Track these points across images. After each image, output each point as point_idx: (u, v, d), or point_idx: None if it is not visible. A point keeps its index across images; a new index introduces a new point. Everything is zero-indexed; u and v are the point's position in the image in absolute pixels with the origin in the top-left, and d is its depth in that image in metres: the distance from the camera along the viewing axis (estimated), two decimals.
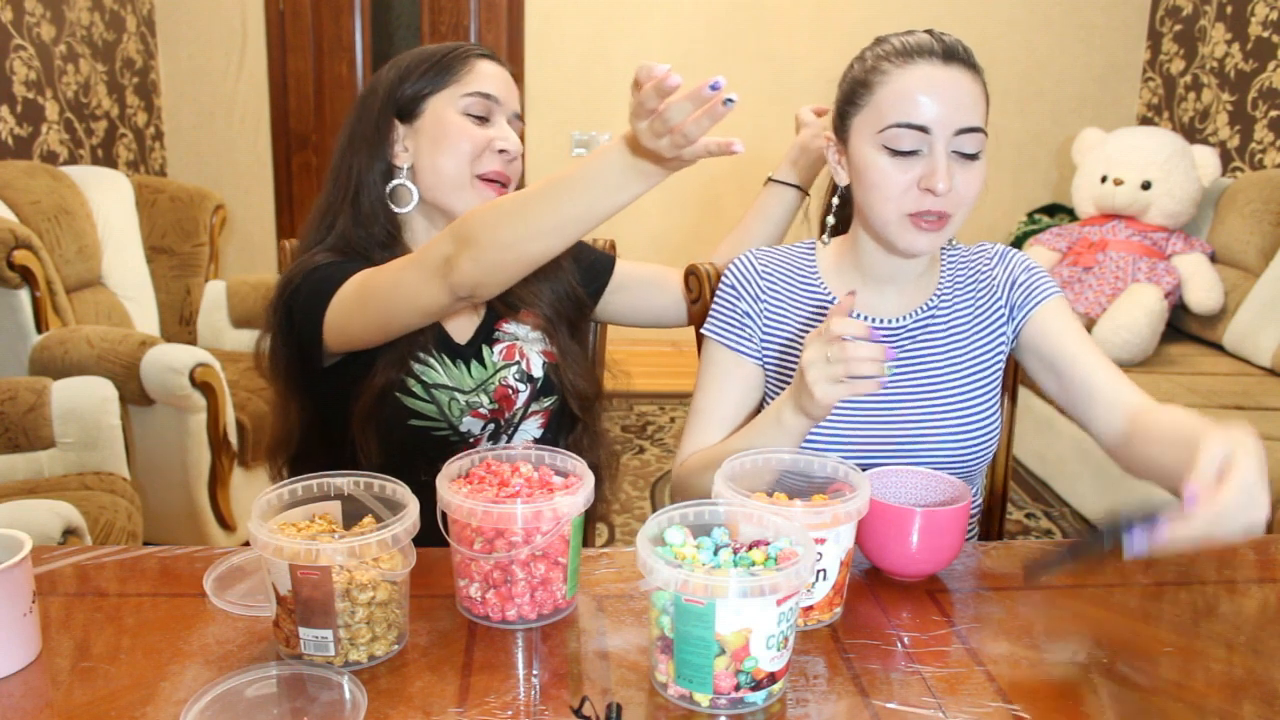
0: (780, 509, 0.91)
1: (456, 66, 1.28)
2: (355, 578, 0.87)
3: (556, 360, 1.36)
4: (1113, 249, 3.43)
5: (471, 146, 1.26)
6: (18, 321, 2.46)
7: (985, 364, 1.25)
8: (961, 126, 1.11)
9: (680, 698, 0.83)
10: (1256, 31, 3.70)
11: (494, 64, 1.31)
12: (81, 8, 3.54)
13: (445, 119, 1.26)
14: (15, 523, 1.48)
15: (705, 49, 4.31)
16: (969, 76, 1.13)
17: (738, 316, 1.27)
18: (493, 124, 1.28)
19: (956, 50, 1.14)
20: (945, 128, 1.11)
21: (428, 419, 1.25)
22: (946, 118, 1.11)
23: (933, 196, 1.11)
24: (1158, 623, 0.98)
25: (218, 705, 0.79)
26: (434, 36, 4.30)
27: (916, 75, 1.12)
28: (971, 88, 1.13)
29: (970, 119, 1.12)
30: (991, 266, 1.28)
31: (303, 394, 1.30)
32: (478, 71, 1.28)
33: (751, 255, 1.30)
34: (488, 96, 1.27)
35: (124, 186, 3.17)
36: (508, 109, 1.30)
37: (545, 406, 1.35)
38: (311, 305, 1.19)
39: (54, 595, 0.99)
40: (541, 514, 0.91)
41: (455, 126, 1.26)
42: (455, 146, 1.26)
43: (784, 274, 1.28)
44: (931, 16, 4.21)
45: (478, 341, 1.32)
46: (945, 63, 1.13)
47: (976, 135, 1.13)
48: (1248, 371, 3.11)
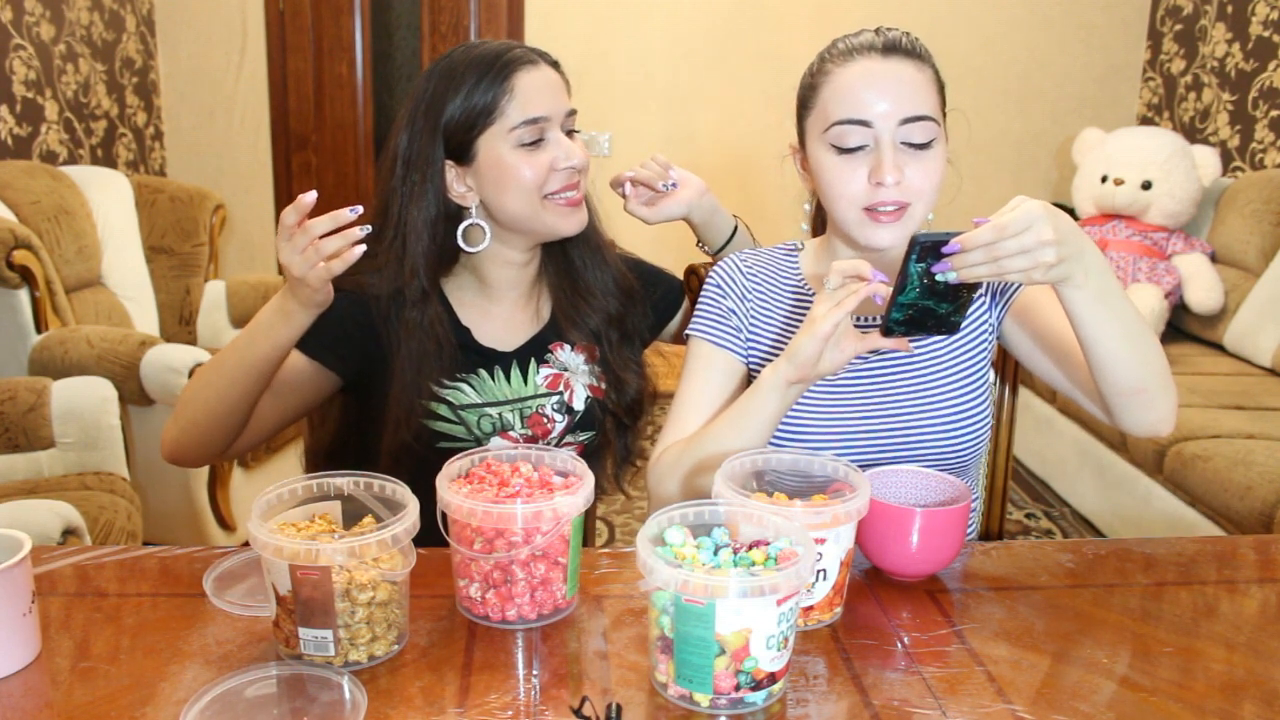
0: (780, 509, 0.91)
1: (498, 95, 1.21)
2: (355, 578, 0.87)
3: (603, 396, 1.35)
4: (1113, 249, 3.43)
5: (534, 176, 1.22)
6: (17, 321, 2.46)
7: (972, 354, 1.25)
8: (905, 116, 1.11)
9: (680, 698, 0.83)
10: (1257, 31, 3.70)
11: (534, 71, 1.23)
12: (81, 7, 3.54)
13: (501, 159, 1.22)
14: (15, 523, 1.48)
15: (705, 49, 4.30)
16: (912, 66, 1.14)
17: (722, 314, 1.27)
18: (548, 141, 1.23)
19: (898, 43, 1.14)
20: (888, 119, 1.11)
21: (456, 439, 1.27)
22: (888, 109, 1.11)
23: (884, 188, 1.11)
24: (1158, 623, 0.98)
25: (217, 705, 0.78)
26: (434, 36, 4.30)
27: (855, 71, 1.13)
28: (915, 77, 1.13)
29: (914, 108, 1.12)
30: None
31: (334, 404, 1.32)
32: (519, 93, 1.21)
33: (736, 257, 1.31)
34: (535, 121, 1.21)
35: (124, 186, 3.17)
36: (559, 117, 1.24)
37: (581, 440, 1.35)
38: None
39: (54, 595, 0.99)
40: (541, 514, 0.91)
41: (512, 164, 1.21)
42: (518, 184, 1.22)
43: (768, 274, 1.29)
44: (931, 16, 4.21)
45: (526, 354, 1.32)
46: (885, 55, 1.13)
47: (924, 124, 1.12)
48: (1248, 371, 3.11)
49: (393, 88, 4.42)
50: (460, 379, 1.27)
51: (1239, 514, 2.32)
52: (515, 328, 1.33)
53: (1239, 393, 2.88)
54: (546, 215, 1.24)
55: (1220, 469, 2.41)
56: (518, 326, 1.33)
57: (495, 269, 1.30)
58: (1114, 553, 1.14)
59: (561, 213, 1.24)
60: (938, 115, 1.14)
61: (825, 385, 1.23)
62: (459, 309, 1.30)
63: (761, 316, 1.27)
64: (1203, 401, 2.81)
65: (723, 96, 4.34)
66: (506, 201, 1.23)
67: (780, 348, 1.25)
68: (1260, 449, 2.42)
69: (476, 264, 1.30)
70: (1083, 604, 1.02)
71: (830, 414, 1.22)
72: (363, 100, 4.34)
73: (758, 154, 4.32)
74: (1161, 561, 1.12)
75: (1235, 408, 2.77)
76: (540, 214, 1.24)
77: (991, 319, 1.26)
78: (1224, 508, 2.38)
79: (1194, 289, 3.32)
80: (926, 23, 4.20)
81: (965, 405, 1.22)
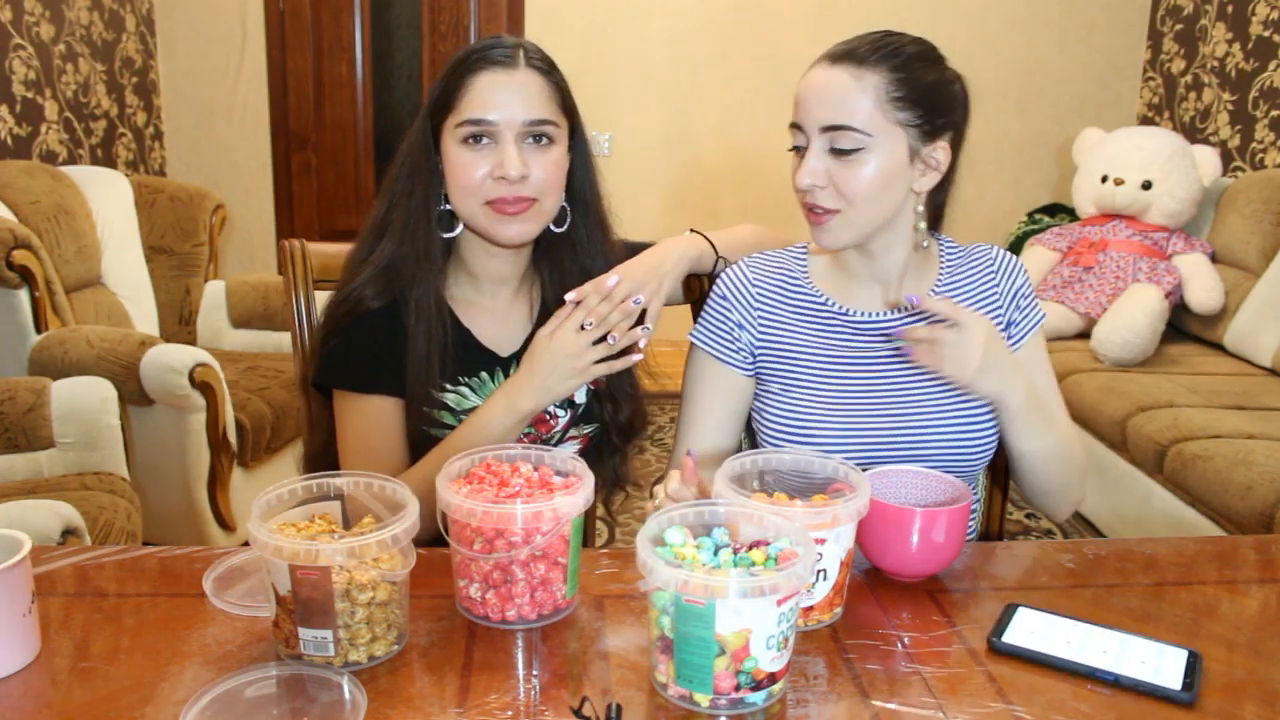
0: (780, 509, 0.91)
1: (455, 90, 1.20)
2: (355, 578, 0.87)
3: (601, 387, 1.35)
4: (1113, 249, 3.43)
5: (469, 178, 1.20)
6: (17, 321, 2.46)
7: None
8: (826, 124, 1.15)
9: (680, 698, 0.83)
10: (1257, 31, 3.69)
11: (499, 73, 1.19)
12: (81, 7, 3.54)
13: (449, 152, 1.22)
14: (15, 523, 1.48)
15: (705, 49, 4.30)
16: (847, 75, 1.15)
17: (729, 328, 1.28)
18: (496, 146, 1.20)
19: (844, 52, 1.17)
20: (813, 125, 1.16)
21: None
22: (813, 117, 1.16)
23: (812, 195, 1.18)
24: (1158, 623, 0.98)
25: (217, 705, 0.78)
26: (434, 36, 4.30)
27: (803, 81, 1.19)
28: (846, 85, 1.15)
29: (833, 116, 1.15)
30: (995, 271, 1.31)
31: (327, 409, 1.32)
32: (470, 92, 1.19)
33: (744, 265, 1.31)
34: (478, 123, 1.19)
35: (123, 186, 3.17)
36: (513, 125, 1.19)
37: (585, 433, 1.35)
38: (325, 379, 1.28)
39: (53, 595, 0.98)
40: (541, 514, 0.91)
41: (454, 160, 1.21)
42: (456, 182, 1.22)
43: (776, 280, 1.30)
44: (931, 17, 4.21)
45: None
46: (831, 64, 1.17)
47: (845, 133, 1.15)
48: (1248, 371, 3.11)
49: (393, 88, 4.42)
50: (462, 382, 1.27)
51: (1239, 514, 2.32)
52: (511, 324, 1.32)
53: (1239, 393, 2.88)
54: (482, 219, 1.22)
55: (1220, 469, 2.41)
56: (514, 322, 1.33)
57: (480, 261, 1.30)
58: (1114, 553, 1.14)
59: (496, 218, 1.21)
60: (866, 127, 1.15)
61: (836, 389, 1.24)
62: (455, 309, 1.30)
63: (769, 321, 1.28)
64: (1203, 401, 2.81)
65: (723, 96, 4.34)
66: (453, 195, 1.24)
67: (790, 351, 1.26)
68: (1260, 449, 2.42)
69: (466, 259, 1.30)
70: (1083, 604, 1.02)
71: (842, 418, 1.22)
72: (363, 100, 4.34)
73: (758, 154, 4.32)
74: (1161, 561, 1.12)
75: (1235, 408, 2.77)
76: (478, 216, 1.22)
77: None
78: (1224, 508, 2.38)
79: (1194, 289, 3.32)
80: (927, 23, 4.18)
81: (976, 411, 1.23)
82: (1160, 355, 3.25)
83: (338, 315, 1.25)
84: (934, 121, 1.18)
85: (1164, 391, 2.89)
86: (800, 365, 1.26)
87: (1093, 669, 0.88)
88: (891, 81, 1.15)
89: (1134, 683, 0.86)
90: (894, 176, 1.17)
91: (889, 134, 1.15)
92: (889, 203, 1.18)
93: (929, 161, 1.19)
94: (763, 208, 4.29)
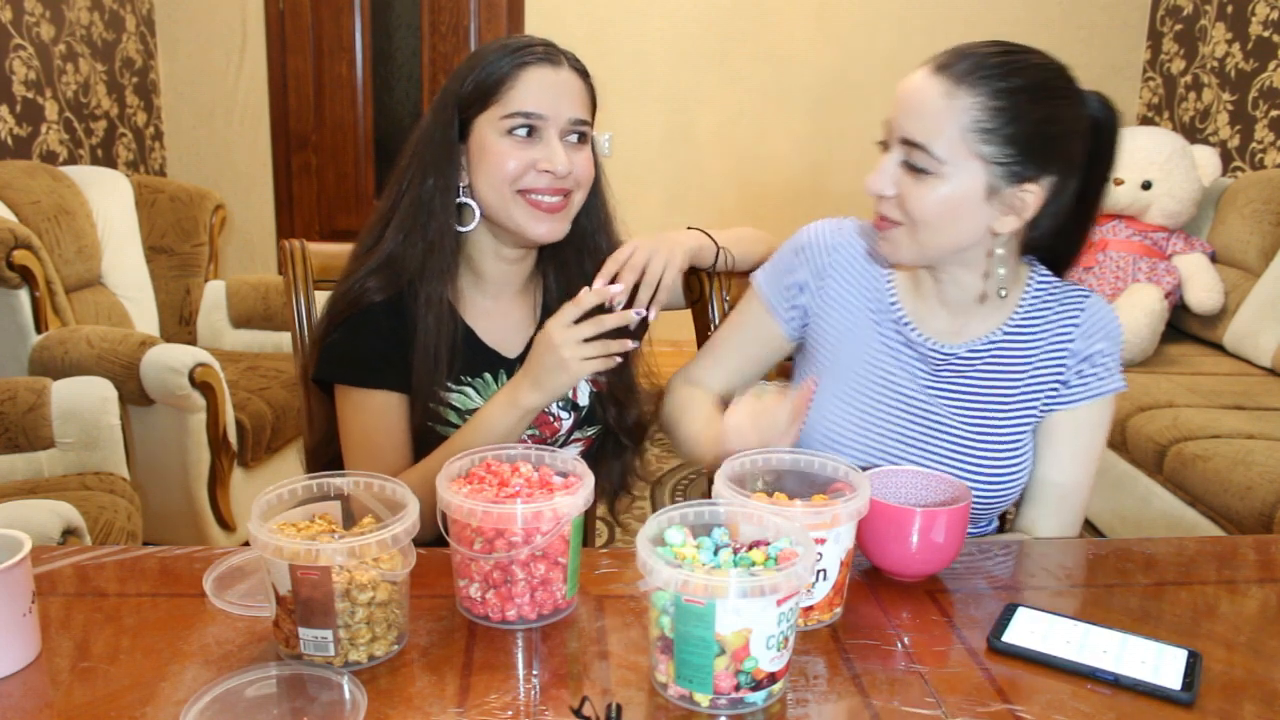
0: (780, 509, 0.91)
1: (502, 82, 1.20)
2: (355, 578, 0.87)
3: (604, 390, 1.35)
4: (1113, 249, 3.43)
5: (513, 168, 1.20)
6: (17, 321, 2.46)
7: (1027, 409, 1.21)
8: (905, 136, 1.10)
9: (680, 698, 0.83)
10: (1257, 31, 3.70)
11: (548, 70, 1.21)
12: (81, 7, 3.54)
13: (485, 142, 1.21)
14: (15, 523, 1.48)
15: (705, 49, 4.30)
16: (941, 89, 1.08)
17: (791, 285, 1.28)
18: (541, 140, 1.21)
19: (948, 63, 1.10)
20: (895, 131, 1.11)
21: None
22: (898, 123, 1.11)
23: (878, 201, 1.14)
24: (1158, 623, 0.98)
25: (217, 705, 0.78)
26: (434, 36, 4.30)
27: (904, 80, 1.13)
28: (936, 102, 1.08)
29: (913, 131, 1.09)
30: (1078, 325, 1.21)
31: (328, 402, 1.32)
32: (522, 85, 1.20)
33: (830, 230, 1.27)
34: (528, 115, 1.20)
35: (124, 186, 3.17)
36: (559, 121, 1.21)
37: (588, 435, 1.35)
38: (327, 374, 1.26)
39: (54, 595, 0.98)
40: (541, 514, 0.91)
41: (494, 150, 1.20)
42: (493, 170, 1.21)
43: (856, 253, 1.26)
44: (931, 17, 4.21)
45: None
46: (932, 72, 1.11)
47: (921, 153, 1.08)
48: (1248, 371, 3.11)
49: (393, 88, 4.42)
50: (466, 382, 1.27)
51: (1239, 514, 2.32)
52: (514, 325, 1.32)
53: (1239, 393, 2.88)
54: (515, 211, 1.22)
55: (1220, 469, 2.41)
56: (517, 324, 1.33)
57: (489, 262, 1.30)
58: (1114, 553, 1.14)
59: (531, 213, 1.22)
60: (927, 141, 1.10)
61: (873, 398, 1.22)
62: (459, 308, 1.30)
63: (834, 294, 1.25)
64: (1203, 401, 2.81)
65: (723, 96, 4.34)
66: (482, 185, 1.23)
67: (841, 339, 1.24)
68: (1260, 449, 2.42)
69: (474, 258, 1.30)
70: (1083, 604, 1.02)
71: (877, 443, 1.22)
72: (363, 100, 4.34)
73: (758, 154, 4.32)
74: (1161, 561, 1.12)
75: (1235, 408, 2.77)
76: (509, 207, 1.22)
77: (1056, 395, 1.22)
78: (1224, 508, 2.38)
79: (1194, 289, 3.32)
80: (927, 23, 4.20)
81: (1011, 456, 1.21)
82: (1160, 355, 3.25)
83: (340, 308, 1.24)
84: (1027, 163, 1.07)
85: (1164, 391, 2.89)
86: (843, 356, 1.24)
87: (1092, 669, 0.88)
88: (986, 110, 1.06)
89: (1134, 682, 0.86)
90: (963, 210, 1.09)
91: (964, 167, 1.07)
92: (956, 234, 1.11)
93: (1012, 203, 1.09)
94: (763, 208, 4.29)
